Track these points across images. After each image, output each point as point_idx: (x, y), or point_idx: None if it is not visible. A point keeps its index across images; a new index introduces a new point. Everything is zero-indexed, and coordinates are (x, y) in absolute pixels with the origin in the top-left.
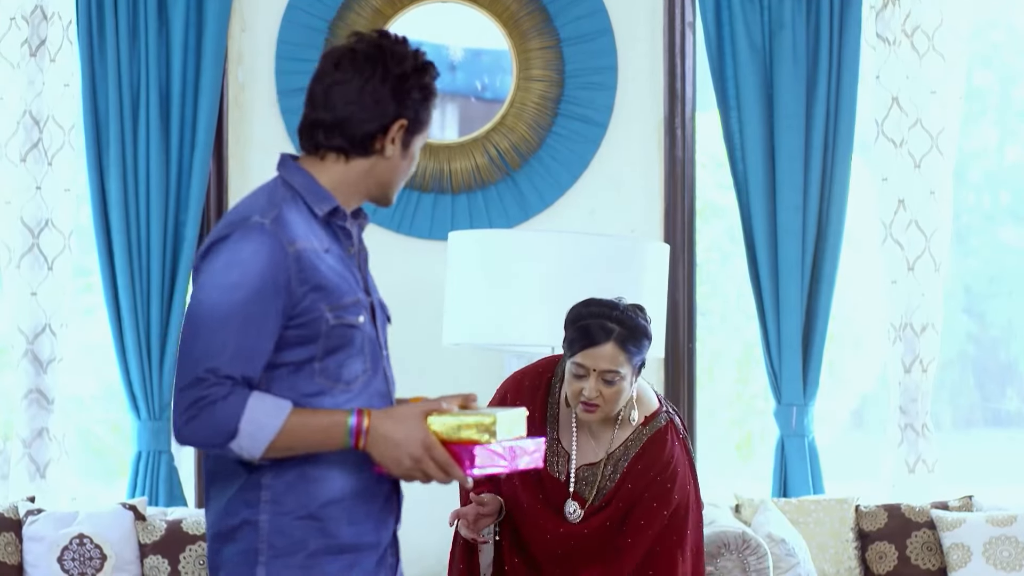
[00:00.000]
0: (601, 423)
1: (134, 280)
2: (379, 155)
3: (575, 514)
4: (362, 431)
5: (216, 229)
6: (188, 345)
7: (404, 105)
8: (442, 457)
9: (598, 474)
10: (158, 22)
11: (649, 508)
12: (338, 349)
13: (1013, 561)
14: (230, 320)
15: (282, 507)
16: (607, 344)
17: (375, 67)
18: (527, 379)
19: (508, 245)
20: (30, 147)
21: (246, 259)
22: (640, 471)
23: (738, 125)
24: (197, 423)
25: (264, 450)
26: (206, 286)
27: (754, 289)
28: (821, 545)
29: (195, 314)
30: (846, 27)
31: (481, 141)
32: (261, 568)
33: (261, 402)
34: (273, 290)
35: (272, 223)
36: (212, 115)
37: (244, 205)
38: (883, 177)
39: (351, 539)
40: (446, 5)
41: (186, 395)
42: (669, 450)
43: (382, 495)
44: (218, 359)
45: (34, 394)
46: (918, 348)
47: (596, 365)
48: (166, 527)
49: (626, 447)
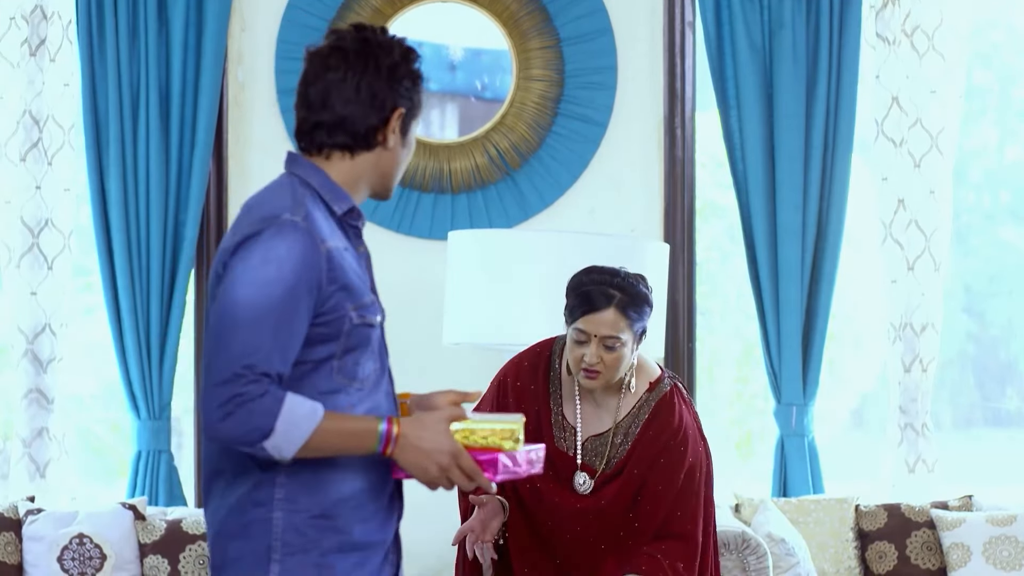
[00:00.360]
0: (605, 393)
1: (134, 280)
2: (382, 147)
3: (585, 485)
4: (392, 438)
5: (242, 225)
6: (224, 340)
7: (399, 94)
8: (469, 465)
9: (607, 444)
10: (158, 22)
11: (665, 473)
12: (356, 348)
13: (1013, 561)
14: (267, 317)
15: (296, 505)
16: (608, 310)
17: (366, 62)
18: (526, 359)
19: (508, 245)
20: (30, 147)
21: (282, 256)
22: (652, 436)
23: (738, 125)
24: (233, 420)
25: (296, 451)
26: (241, 282)
27: (754, 289)
28: (821, 545)
29: (230, 310)
30: (846, 27)
31: (481, 141)
32: (275, 565)
33: (297, 403)
34: (306, 288)
35: (304, 220)
36: (212, 115)
37: (267, 202)
38: (883, 177)
39: (360, 537)
40: (446, 5)
41: (222, 391)
42: (678, 413)
43: (387, 493)
44: (255, 355)
45: (34, 394)
46: (918, 348)
47: (597, 331)
48: (166, 527)
49: (634, 414)
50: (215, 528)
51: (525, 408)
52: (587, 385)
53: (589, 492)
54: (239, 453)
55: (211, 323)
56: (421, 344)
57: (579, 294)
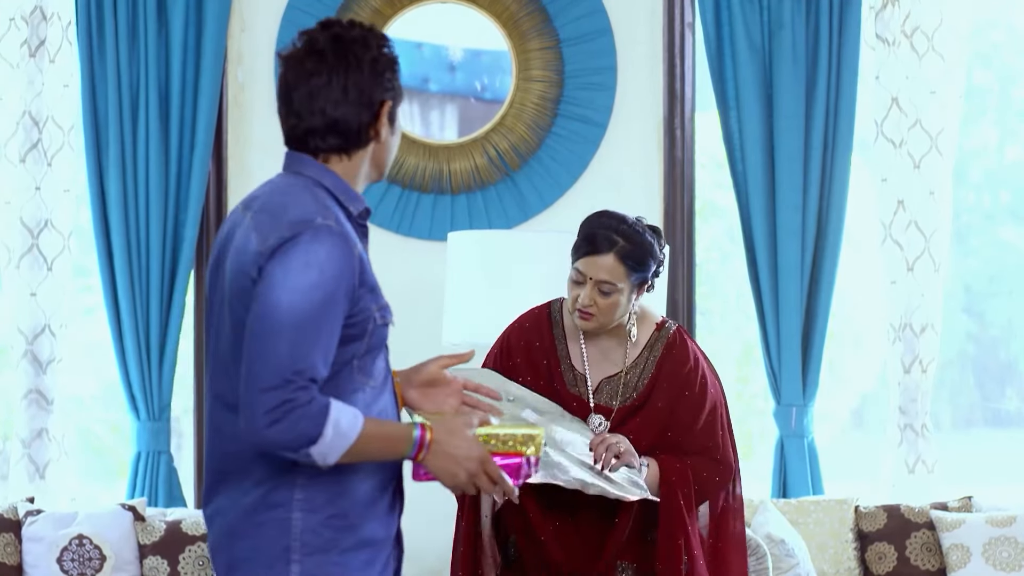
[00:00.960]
0: (610, 338)
1: (133, 280)
2: (375, 141)
3: (602, 426)
4: (424, 444)
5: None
6: (269, 345)
7: (383, 86)
8: (495, 471)
9: (620, 382)
10: (157, 22)
11: (691, 405)
12: (375, 348)
13: (1012, 562)
14: (311, 322)
15: (315, 506)
16: (607, 255)
17: (347, 61)
18: (526, 320)
19: (508, 245)
20: (29, 147)
21: (322, 260)
22: (671, 370)
23: (737, 125)
24: (282, 426)
25: (339, 458)
26: (284, 287)
27: (753, 289)
28: (820, 545)
29: (273, 314)
30: (845, 27)
31: (480, 142)
32: (296, 565)
33: (341, 410)
34: (344, 292)
35: (337, 224)
36: (211, 115)
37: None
38: (882, 177)
39: (371, 534)
40: (445, 6)
41: (271, 396)
42: (690, 350)
43: (390, 490)
44: (304, 361)
45: (33, 394)
46: (918, 348)
47: (594, 274)
48: (165, 528)
49: (646, 354)
50: (224, 528)
51: (534, 363)
52: (580, 325)
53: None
54: (253, 455)
55: (253, 329)
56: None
57: (584, 235)
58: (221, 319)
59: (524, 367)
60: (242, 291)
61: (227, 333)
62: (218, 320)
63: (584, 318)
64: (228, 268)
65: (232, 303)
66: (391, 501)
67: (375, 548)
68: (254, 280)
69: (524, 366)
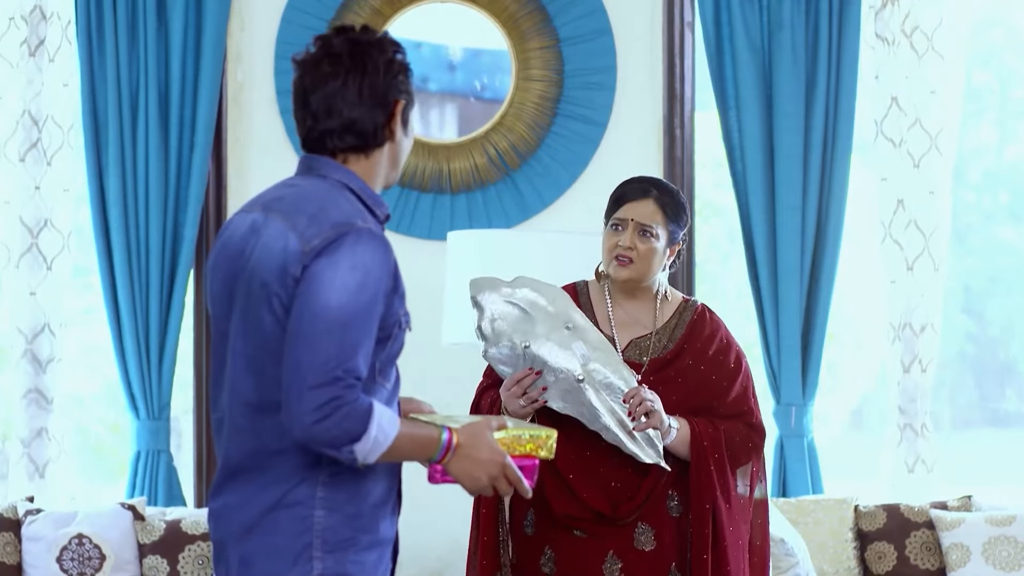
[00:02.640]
0: (640, 303)
1: (133, 280)
2: (391, 140)
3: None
4: (451, 447)
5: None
6: (320, 342)
7: (398, 88)
8: (514, 475)
9: (650, 342)
10: (157, 22)
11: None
12: (396, 352)
13: (1012, 561)
14: (357, 321)
15: (336, 504)
16: (647, 199)
17: (364, 63)
18: None
19: (507, 245)
20: (29, 147)
21: (368, 262)
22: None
23: (737, 125)
24: (329, 423)
25: (378, 456)
26: (332, 286)
27: (753, 289)
28: (820, 545)
29: (321, 313)
30: (845, 27)
31: (480, 141)
32: (317, 563)
33: (382, 410)
34: (384, 294)
35: (376, 227)
36: (211, 115)
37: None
38: (882, 177)
39: (383, 534)
40: (445, 5)
41: (320, 393)
42: (718, 322)
43: (394, 491)
44: (352, 360)
45: (33, 394)
46: (917, 348)
47: (634, 215)
48: (165, 527)
49: (675, 319)
50: (237, 524)
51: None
52: (618, 274)
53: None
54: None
55: (299, 327)
56: (420, 344)
57: (620, 190)
58: (246, 320)
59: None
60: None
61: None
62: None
63: (623, 263)
64: (256, 269)
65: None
66: (394, 503)
67: (383, 548)
68: (296, 279)
69: None
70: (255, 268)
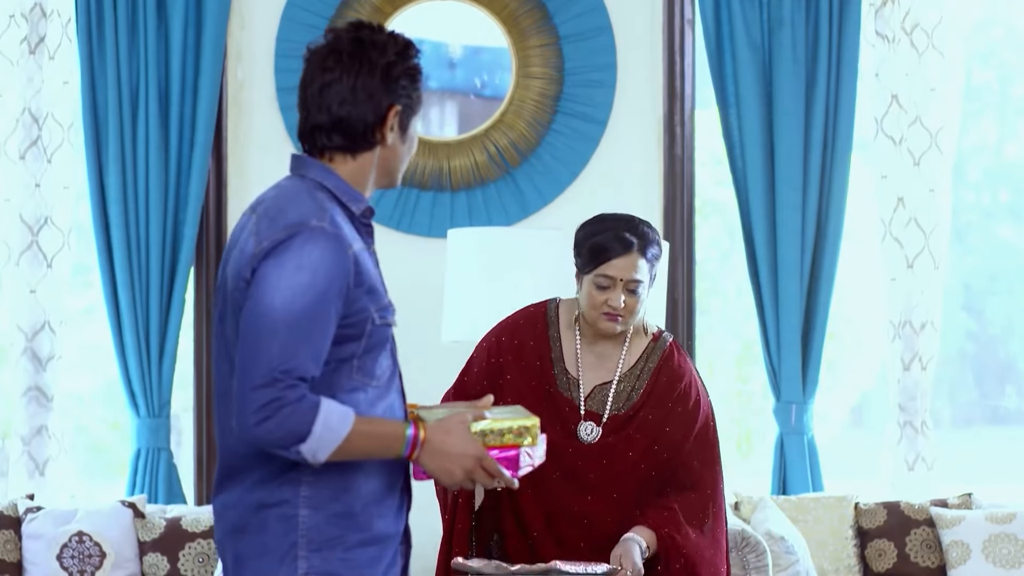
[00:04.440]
0: (608, 344)
1: (133, 278)
2: (381, 144)
3: (592, 434)
4: (418, 443)
5: (267, 232)
6: (260, 345)
7: (395, 92)
8: (492, 466)
9: (610, 392)
10: (157, 20)
11: (683, 421)
12: (375, 348)
13: (1012, 559)
14: (301, 322)
15: (321, 503)
16: (631, 254)
17: (361, 62)
18: (520, 318)
19: (507, 243)
20: (29, 144)
21: (315, 262)
22: (666, 383)
23: (737, 122)
24: (271, 424)
25: (329, 455)
26: (276, 288)
27: (753, 287)
28: (820, 543)
29: (265, 315)
30: (845, 25)
31: (480, 139)
32: (303, 561)
33: (331, 408)
34: (337, 293)
35: (331, 226)
36: (211, 113)
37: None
38: (882, 175)
39: (379, 531)
40: (445, 3)
41: (260, 395)
42: (685, 365)
43: (399, 487)
44: (293, 360)
45: (33, 392)
46: (917, 346)
47: (622, 274)
48: (165, 525)
49: (642, 363)
50: (231, 524)
51: (525, 363)
52: (608, 329)
53: (596, 440)
54: (263, 452)
55: (245, 328)
56: (420, 342)
57: (596, 243)
58: (223, 321)
59: (513, 366)
60: (239, 292)
61: (230, 333)
62: (219, 322)
63: (613, 320)
64: (230, 271)
65: (233, 305)
66: (400, 499)
67: (382, 545)
68: (248, 281)
69: (513, 365)
70: (230, 271)
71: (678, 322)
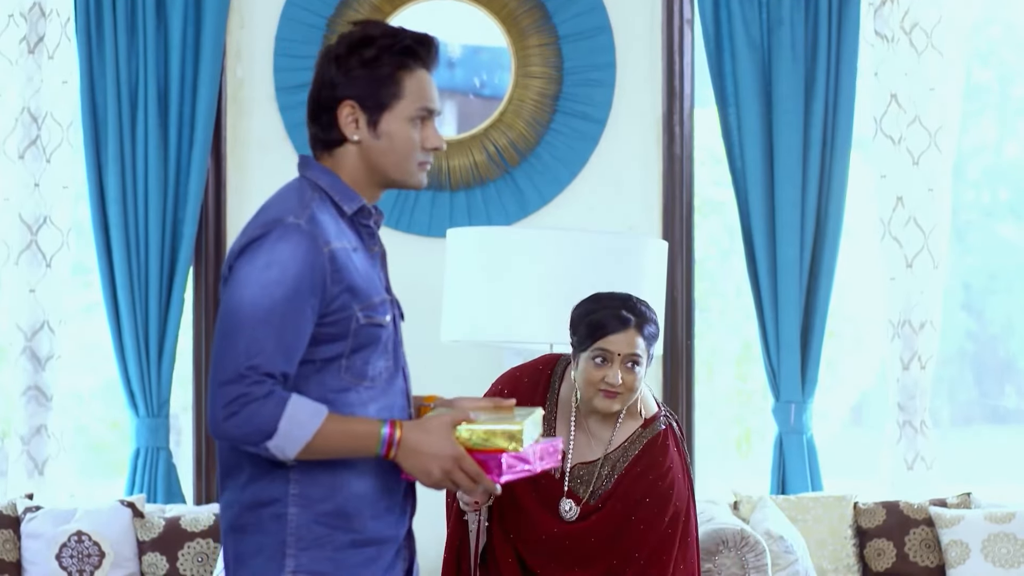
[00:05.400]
0: (601, 422)
1: (132, 277)
2: (348, 141)
3: (571, 512)
4: (394, 442)
5: (249, 230)
6: (228, 341)
7: (346, 85)
8: (472, 468)
9: (594, 473)
10: (156, 19)
11: (650, 513)
12: (365, 347)
13: (1012, 558)
14: (271, 318)
15: (310, 501)
16: (629, 330)
17: (326, 57)
18: (525, 376)
19: (507, 242)
20: (28, 144)
21: (285, 258)
22: (639, 474)
23: (736, 122)
24: (237, 420)
25: (298, 452)
26: (246, 283)
27: (752, 286)
28: (819, 542)
29: (235, 311)
30: (845, 24)
31: (479, 138)
32: (290, 560)
33: (300, 404)
34: (310, 289)
35: (307, 223)
36: (210, 112)
37: (275, 206)
38: (882, 174)
39: (374, 533)
40: (445, 2)
41: (227, 391)
42: (669, 455)
43: (400, 490)
44: (259, 356)
45: (32, 391)
46: (916, 345)
47: (621, 350)
48: (164, 524)
49: (625, 448)
50: (227, 523)
51: None
52: (605, 407)
53: (575, 519)
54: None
55: (217, 325)
56: (419, 341)
57: (594, 320)
58: None
59: None
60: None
61: None
62: None
63: (611, 397)
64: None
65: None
66: (401, 501)
67: (379, 547)
68: (225, 280)
69: None
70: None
71: (677, 322)
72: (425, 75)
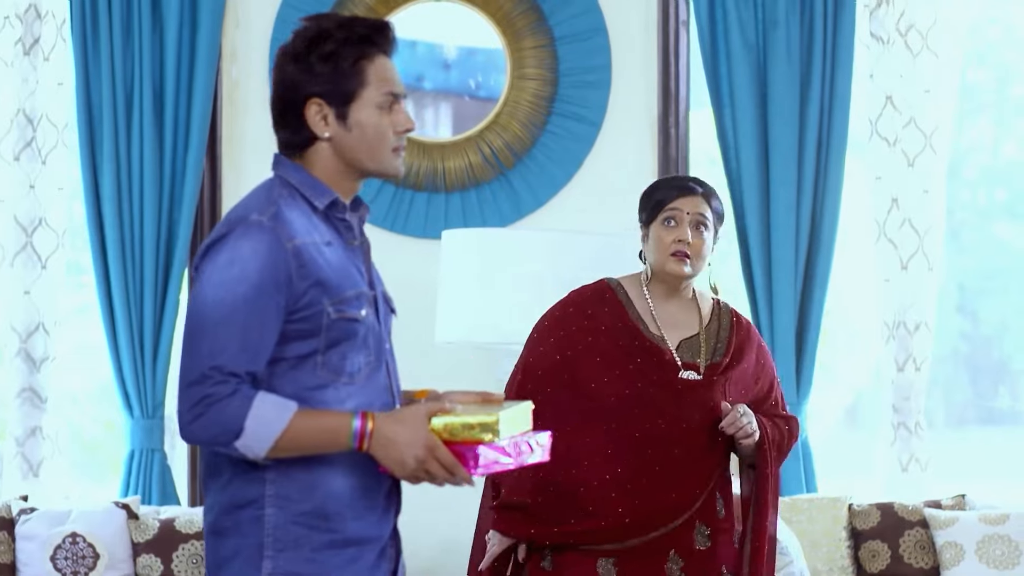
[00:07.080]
0: (680, 304)
1: (127, 278)
2: (320, 139)
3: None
4: (366, 434)
5: (215, 229)
6: (192, 342)
7: (309, 82)
8: (446, 459)
9: (700, 344)
10: (152, 20)
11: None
12: (340, 342)
13: (1006, 560)
14: (233, 316)
15: (287, 502)
16: (696, 196)
17: (285, 54)
18: (587, 291)
19: (502, 244)
20: (24, 146)
21: (246, 256)
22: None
23: (732, 123)
24: (203, 421)
25: (268, 450)
26: (208, 283)
27: (747, 287)
28: (814, 543)
29: (197, 311)
30: (840, 25)
31: (475, 140)
32: (268, 562)
33: (266, 401)
34: (274, 286)
35: (270, 220)
36: (206, 113)
37: (242, 205)
38: (876, 176)
39: (355, 533)
40: (440, 4)
41: (191, 392)
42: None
43: (383, 489)
44: (222, 356)
45: (27, 393)
46: (911, 346)
47: (689, 208)
48: (159, 526)
49: (716, 320)
50: (208, 526)
51: (606, 327)
52: (677, 270)
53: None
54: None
55: (185, 326)
56: (413, 343)
57: (662, 188)
58: None
59: (590, 332)
60: None
61: None
62: None
63: (682, 260)
64: None
65: None
66: (384, 500)
67: (360, 547)
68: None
69: (590, 331)
70: None
71: None
72: (386, 60)
